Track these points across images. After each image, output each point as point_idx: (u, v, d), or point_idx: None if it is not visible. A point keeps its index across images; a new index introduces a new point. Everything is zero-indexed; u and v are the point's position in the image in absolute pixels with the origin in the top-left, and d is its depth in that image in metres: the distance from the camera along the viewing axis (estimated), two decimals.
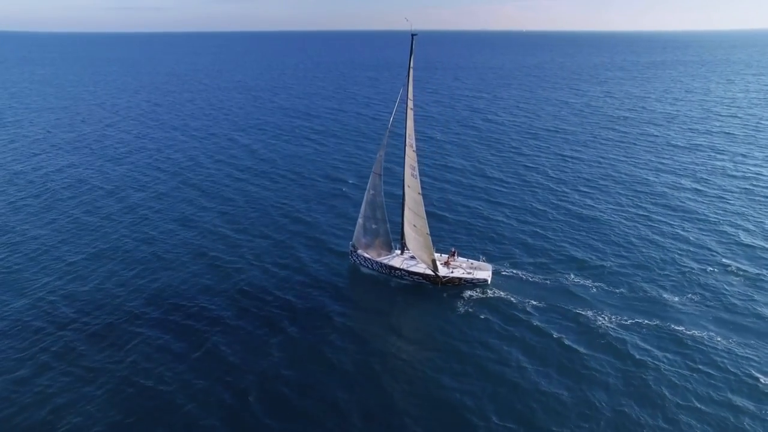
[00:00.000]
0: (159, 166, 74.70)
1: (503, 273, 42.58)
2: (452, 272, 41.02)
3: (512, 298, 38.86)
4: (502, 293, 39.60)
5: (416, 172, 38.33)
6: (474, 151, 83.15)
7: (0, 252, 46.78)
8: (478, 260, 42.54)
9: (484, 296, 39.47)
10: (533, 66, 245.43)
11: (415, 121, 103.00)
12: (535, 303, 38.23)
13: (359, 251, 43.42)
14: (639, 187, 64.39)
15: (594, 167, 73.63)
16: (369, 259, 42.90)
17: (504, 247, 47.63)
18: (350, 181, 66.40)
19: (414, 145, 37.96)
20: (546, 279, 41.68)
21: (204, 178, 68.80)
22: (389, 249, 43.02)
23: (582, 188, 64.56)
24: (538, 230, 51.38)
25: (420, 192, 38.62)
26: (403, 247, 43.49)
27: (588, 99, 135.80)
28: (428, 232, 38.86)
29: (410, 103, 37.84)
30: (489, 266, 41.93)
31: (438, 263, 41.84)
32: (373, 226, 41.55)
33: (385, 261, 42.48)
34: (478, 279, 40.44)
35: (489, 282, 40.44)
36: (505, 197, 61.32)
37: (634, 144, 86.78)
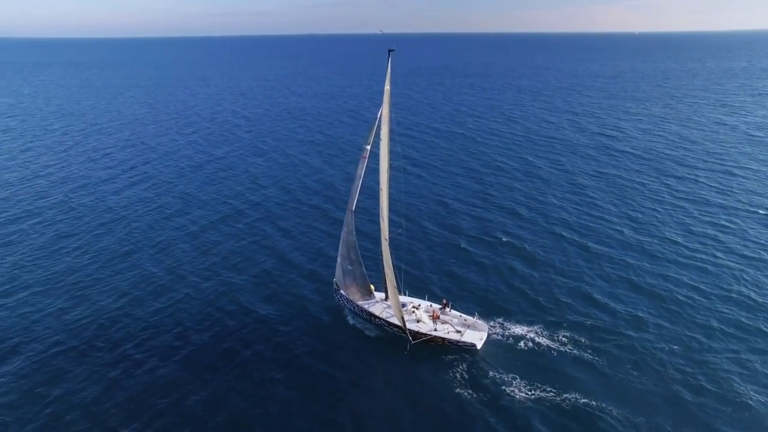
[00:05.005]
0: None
1: (503, 335, 34.91)
2: (436, 329, 34.42)
3: (500, 374, 31.17)
4: (490, 364, 32.05)
5: (385, 214, 32.63)
6: (590, 187, 65.81)
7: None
8: (473, 316, 35.43)
9: (469, 364, 32.29)
10: (658, 73, 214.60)
11: (518, 144, 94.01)
12: (525, 385, 30.17)
13: (341, 291, 38.59)
14: None
15: None
16: (351, 301, 37.90)
17: (524, 305, 39.53)
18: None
19: (384, 185, 32.28)
20: (554, 351, 33.24)
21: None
22: (369, 293, 37.56)
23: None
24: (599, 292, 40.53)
25: (386, 238, 32.69)
26: (387, 293, 37.78)
27: (754, 118, 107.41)
28: (395, 285, 32.78)
29: (385, 130, 32.19)
30: (485, 326, 34.64)
31: (426, 316, 35.65)
32: (349, 268, 36.43)
33: (366, 306, 37.07)
34: (464, 343, 33.36)
35: (479, 348, 33.18)
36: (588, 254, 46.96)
37: None
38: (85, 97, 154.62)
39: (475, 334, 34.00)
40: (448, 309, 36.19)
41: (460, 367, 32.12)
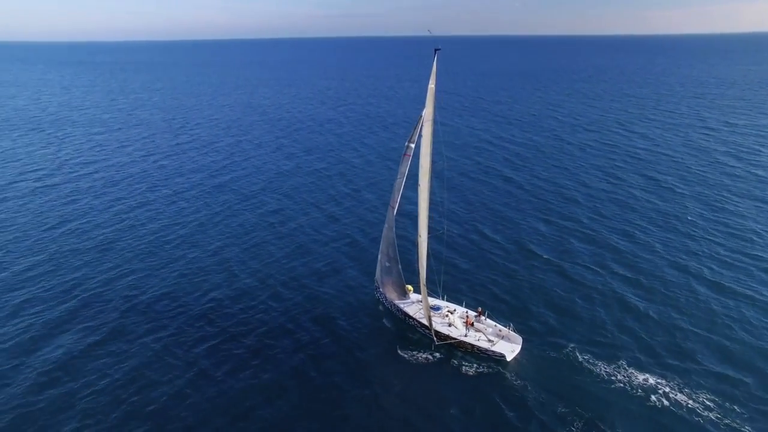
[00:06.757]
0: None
1: (543, 351, 32.96)
2: (466, 335, 33.54)
3: (528, 389, 29.58)
4: (520, 378, 30.49)
5: (424, 213, 32.55)
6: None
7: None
8: (508, 327, 33.92)
9: (498, 375, 31.04)
10: None
11: (629, 160, 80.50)
12: (554, 405, 28.39)
13: (380, 289, 39.05)
14: None
15: None
16: (388, 299, 38.25)
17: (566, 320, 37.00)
18: None
19: (424, 184, 32.11)
20: (594, 372, 30.72)
21: None
22: (404, 293, 37.47)
23: None
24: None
25: (421, 234, 32.44)
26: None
27: None
28: (425, 283, 32.45)
29: (427, 129, 31.97)
30: (519, 339, 33.06)
31: (459, 321, 34.89)
32: (387, 264, 36.70)
33: (401, 305, 37.16)
34: (494, 352, 32.11)
35: (508, 359, 31.74)
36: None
37: None
38: (199, 92, 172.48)
39: (507, 345, 32.61)
40: (483, 317, 35.08)
41: (491, 373, 31.21)
